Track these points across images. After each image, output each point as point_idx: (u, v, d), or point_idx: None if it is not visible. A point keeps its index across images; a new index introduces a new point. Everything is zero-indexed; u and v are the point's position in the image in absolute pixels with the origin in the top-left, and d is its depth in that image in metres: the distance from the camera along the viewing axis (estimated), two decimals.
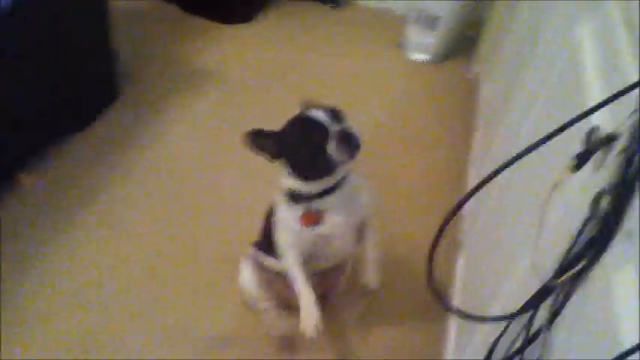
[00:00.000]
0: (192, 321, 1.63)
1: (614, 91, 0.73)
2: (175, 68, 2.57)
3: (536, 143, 0.78)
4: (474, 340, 1.23)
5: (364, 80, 2.71)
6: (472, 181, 2.03)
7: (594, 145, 0.76)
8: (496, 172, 0.78)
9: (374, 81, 2.72)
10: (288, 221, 1.38)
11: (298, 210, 1.36)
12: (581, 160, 0.75)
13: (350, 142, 1.29)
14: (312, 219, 1.37)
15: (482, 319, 0.95)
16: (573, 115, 0.77)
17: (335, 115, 1.31)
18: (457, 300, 1.58)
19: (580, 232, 0.77)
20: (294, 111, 1.37)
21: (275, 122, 1.36)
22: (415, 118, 2.52)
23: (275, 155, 1.33)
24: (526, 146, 0.79)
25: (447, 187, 2.19)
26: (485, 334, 1.13)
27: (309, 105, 1.37)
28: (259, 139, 1.32)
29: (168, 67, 2.57)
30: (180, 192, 2.00)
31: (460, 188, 2.14)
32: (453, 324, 1.55)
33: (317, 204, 1.35)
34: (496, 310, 1.08)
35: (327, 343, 1.63)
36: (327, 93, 2.57)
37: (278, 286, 1.61)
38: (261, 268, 1.59)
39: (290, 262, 1.40)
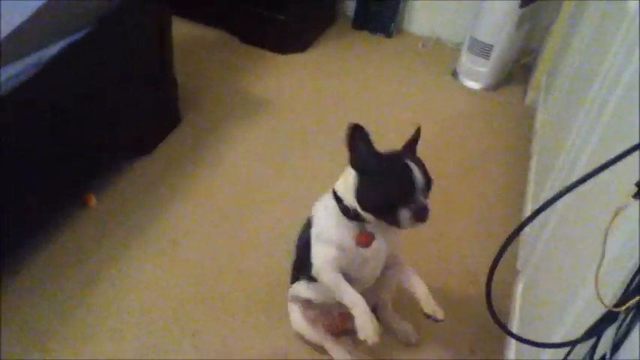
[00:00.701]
0: (244, 341, 1.66)
1: None
2: (233, 96, 2.67)
3: (596, 169, 0.79)
4: None
5: (419, 108, 2.73)
6: (528, 209, 2.01)
7: None
8: (557, 197, 0.79)
9: (429, 109, 2.73)
10: (335, 235, 1.39)
11: (351, 227, 1.38)
12: None
13: (420, 218, 1.33)
14: (366, 240, 1.40)
15: (544, 345, 0.95)
16: (634, 142, 0.78)
17: (428, 181, 1.35)
18: (516, 328, 1.56)
19: None
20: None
21: (331, 148, 1.40)
22: (471, 146, 2.52)
23: (359, 168, 1.33)
24: (586, 172, 0.80)
25: (503, 214, 2.17)
26: None
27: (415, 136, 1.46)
28: (362, 143, 1.32)
29: (226, 94, 2.66)
30: (235, 214, 2.06)
31: (516, 216, 2.12)
32: (512, 355, 1.53)
33: (369, 226, 1.39)
34: (558, 337, 1.07)
35: None
36: (381, 119, 2.61)
37: (328, 319, 1.64)
38: (306, 307, 1.62)
39: (332, 277, 1.40)
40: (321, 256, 1.42)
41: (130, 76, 2.07)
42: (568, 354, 0.91)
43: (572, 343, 0.85)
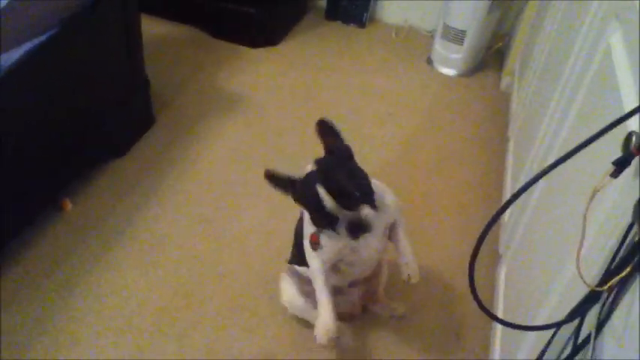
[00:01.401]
0: (232, 341, 1.65)
1: None
2: (207, 93, 2.63)
3: (573, 150, 0.79)
4: (519, 353, 1.21)
5: (395, 97, 2.73)
6: (508, 193, 2.02)
7: (633, 150, 0.75)
8: (535, 179, 0.79)
9: (405, 97, 2.73)
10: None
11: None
12: (620, 165, 0.75)
13: (354, 231, 1.32)
14: (315, 240, 1.40)
15: (529, 328, 0.95)
16: (609, 121, 0.78)
17: (347, 195, 1.29)
18: (501, 313, 1.56)
19: (624, 238, 0.77)
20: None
21: (308, 143, 1.40)
22: (448, 132, 2.53)
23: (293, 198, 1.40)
24: (562, 154, 0.80)
25: (483, 200, 2.18)
26: (531, 345, 1.12)
27: (325, 128, 1.43)
28: (277, 181, 1.43)
29: (199, 92, 2.63)
30: (214, 214, 2.03)
31: (496, 201, 2.13)
32: (497, 339, 1.53)
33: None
34: (542, 320, 1.07)
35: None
36: (357, 110, 2.60)
37: (347, 300, 1.63)
38: (300, 281, 1.61)
39: (315, 267, 1.41)
40: (307, 251, 1.43)
41: (99, 77, 2.02)
42: (553, 336, 0.91)
43: (557, 325, 0.85)
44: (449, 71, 2.91)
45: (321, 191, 1.28)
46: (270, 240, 1.60)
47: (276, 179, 1.42)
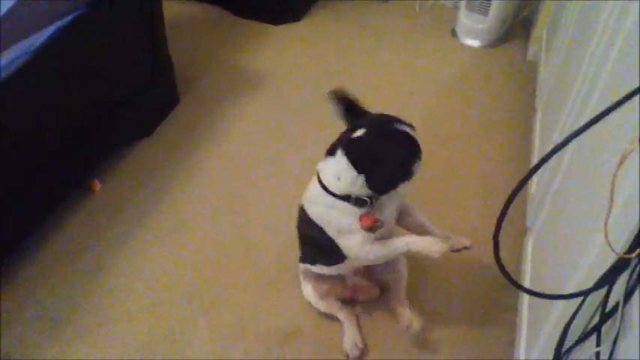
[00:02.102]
0: (257, 316, 1.67)
1: None
2: (230, 72, 2.63)
3: (601, 113, 0.77)
4: (546, 324, 1.20)
5: (420, 70, 2.69)
6: (535, 161, 1.98)
7: None
8: (563, 143, 0.77)
9: (430, 70, 2.69)
10: (355, 224, 1.38)
11: (357, 212, 1.36)
12: None
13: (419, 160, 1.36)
14: (369, 222, 1.38)
15: (556, 297, 0.93)
16: (635, 86, 0.75)
17: (413, 129, 1.35)
18: (528, 284, 1.55)
19: None
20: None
21: (332, 120, 1.40)
22: (474, 104, 2.48)
23: (366, 169, 1.30)
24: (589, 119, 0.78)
25: (510, 173, 2.14)
26: (559, 315, 1.11)
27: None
28: (349, 111, 1.37)
29: (223, 71, 2.63)
30: (239, 192, 2.05)
31: (524, 172, 2.10)
32: (524, 311, 1.52)
33: (375, 206, 1.38)
34: (570, 289, 1.05)
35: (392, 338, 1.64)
36: (381, 86, 2.57)
37: (338, 290, 1.65)
38: (318, 281, 1.63)
39: (375, 250, 1.41)
40: (354, 245, 1.41)
41: (124, 58, 2.04)
42: (581, 304, 0.90)
43: (584, 293, 0.84)
44: (474, 42, 2.85)
45: (405, 128, 1.32)
46: (294, 215, 1.61)
47: (348, 105, 1.36)
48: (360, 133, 1.31)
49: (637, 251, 0.71)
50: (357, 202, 1.34)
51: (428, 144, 2.23)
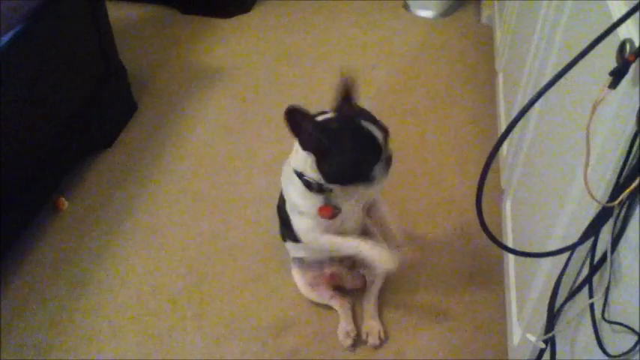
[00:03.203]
0: (247, 313, 1.65)
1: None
2: (185, 71, 2.58)
3: (565, 68, 0.76)
4: (534, 284, 1.21)
5: (378, 45, 2.67)
6: (503, 125, 1.99)
7: (630, 57, 0.73)
8: (530, 104, 0.77)
9: (387, 45, 2.68)
10: (305, 207, 1.37)
11: (317, 200, 1.35)
12: (618, 75, 0.72)
13: (387, 168, 1.31)
14: (331, 213, 1.36)
15: (543, 255, 0.94)
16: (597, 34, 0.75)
17: (385, 134, 1.28)
18: (511, 245, 1.56)
19: (630, 149, 0.75)
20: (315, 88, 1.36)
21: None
22: (436, 74, 2.48)
23: (312, 150, 1.26)
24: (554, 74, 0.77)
25: (478, 138, 2.15)
26: (546, 273, 1.11)
27: (348, 86, 1.30)
28: (301, 123, 1.22)
29: (178, 71, 2.57)
30: (211, 191, 2.01)
31: (491, 137, 2.11)
32: (511, 272, 1.53)
33: (335, 196, 1.35)
34: (554, 247, 1.06)
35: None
36: (341, 63, 2.55)
37: (320, 278, 1.63)
38: (306, 272, 1.62)
39: (321, 239, 1.40)
40: (302, 226, 1.41)
41: (72, 70, 1.97)
42: (568, 259, 0.90)
43: (571, 247, 0.84)
44: (427, 13, 2.85)
45: (372, 128, 1.24)
46: (272, 207, 1.59)
47: (305, 116, 1.22)
48: (326, 116, 1.29)
49: (619, 198, 0.71)
50: (312, 186, 1.31)
51: (396, 117, 2.24)
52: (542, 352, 1.06)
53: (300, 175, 1.33)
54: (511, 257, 1.55)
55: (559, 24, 1.26)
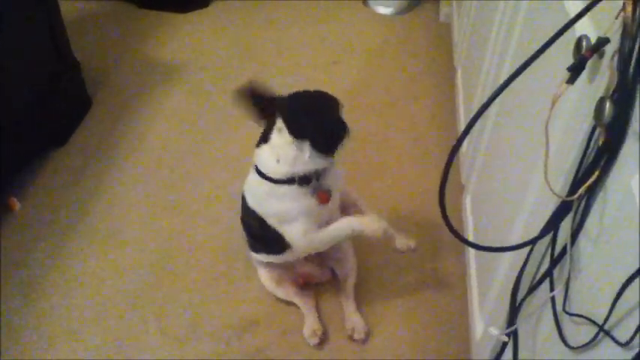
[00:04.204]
0: (210, 312, 1.62)
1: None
2: (142, 66, 2.52)
3: (523, 65, 0.76)
4: (495, 277, 1.22)
5: (338, 42, 2.67)
6: (462, 122, 2.02)
7: (586, 53, 0.74)
8: (489, 101, 0.77)
9: (346, 42, 2.68)
10: (297, 209, 1.36)
11: (305, 192, 1.36)
12: (576, 70, 0.73)
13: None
14: (327, 196, 1.39)
15: (505, 249, 0.95)
16: (555, 31, 0.76)
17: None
18: (472, 239, 1.57)
19: (587, 144, 0.76)
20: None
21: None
22: (395, 71, 2.50)
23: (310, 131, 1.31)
24: (513, 71, 0.78)
25: (438, 133, 2.17)
26: (508, 267, 1.13)
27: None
28: (258, 104, 1.37)
29: (134, 66, 2.51)
30: (171, 187, 1.97)
31: (451, 132, 2.13)
32: (472, 268, 1.55)
33: (323, 182, 1.38)
34: (514, 241, 1.07)
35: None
36: (301, 61, 2.54)
37: (290, 277, 1.62)
38: (270, 269, 1.61)
39: (318, 237, 1.41)
40: (296, 233, 1.40)
41: (22, 65, 1.90)
42: (529, 253, 0.91)
43: (532, 242, 0.85)
44: (386, 10, 2.87)
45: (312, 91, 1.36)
46: (234, 204, 1.56)
47: (258, 98, 1.37)
48: (288, 107, 1.33)
49: (579, 192, 0.72)
50: (302, 180, 1.34)
51: (357, 113, 2.24)
52: (504, 345, 1.08)
53: (291, 181, 1.33)
54: (472, 252, 1.57)
55: (516, 21, 1.28)
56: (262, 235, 1.46)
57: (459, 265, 1.71)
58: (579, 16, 0.75)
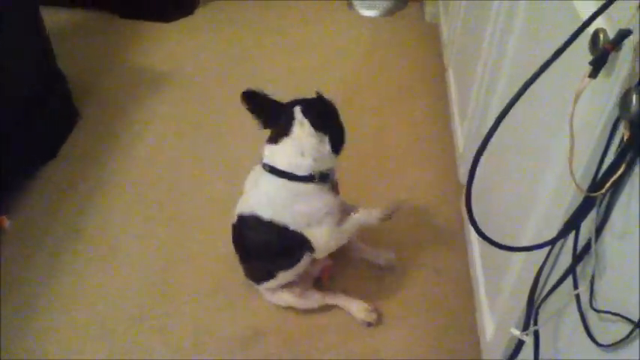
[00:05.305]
0: (214, 324, 1.59)
1: None
2: (128, 77, 2.48)
3: (547, 61, 0.75)
4: (505, 278, 1.21)
5: (326, 46, 2.66)
6: (456, 120, 2.01)
7: (606, 46, 0.73)
8: (517, 96, 0.76)
9: (334, 46, 2.67)
10: (325, 208, 1.38)
11: (325, 188, 1.40)
12: (598, 64, 0.72)
13: None
14: (338, 190, 1.48)
15: (525, 249, 0.93)
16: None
17: None
18: (475, 243, 1.57)
19: (609, 139, 0.75)
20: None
21: (242, 108, 1.36)
22: (385, 73, 2.49)
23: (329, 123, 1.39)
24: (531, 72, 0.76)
25: (433, 132, 2.17)
26: (519, 267, 1.11)
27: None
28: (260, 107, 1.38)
29: (121, 77, 2.47)
30: (167, 197, 1.93)
31: (445, 130, 2.13)
32: (477, 268, 1.54)
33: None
34: (527, 239, 1.06)
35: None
36: (290, 66, 2.52)
37: (309, 283, 1.62)
38: (288, 286, 1.58)
39: (342, 230, 1.45)
40: (325, 233, 1.40)
41: (9, 80, 1.85)
42: (550, 251, 0.90)
43: (556, 240, 0.84)
44: (371, 12, 2.87)
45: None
46: (231, 211, 1.54)
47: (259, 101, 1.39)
48: (303, 103, 1.38)
49: (605, 187, 0.71)
50: (321, 178, 1.37)
51: (355, 114, 2.23)
52: (519, 345, 1.06)
53: (311, 178, 1.35)
54: (477, 252, 1.56)
55: (515, 19, 1.27)
56: (283, 248, 1.43)
57: (459, 264, 1.70)
58: (604, 7, 0.73)
